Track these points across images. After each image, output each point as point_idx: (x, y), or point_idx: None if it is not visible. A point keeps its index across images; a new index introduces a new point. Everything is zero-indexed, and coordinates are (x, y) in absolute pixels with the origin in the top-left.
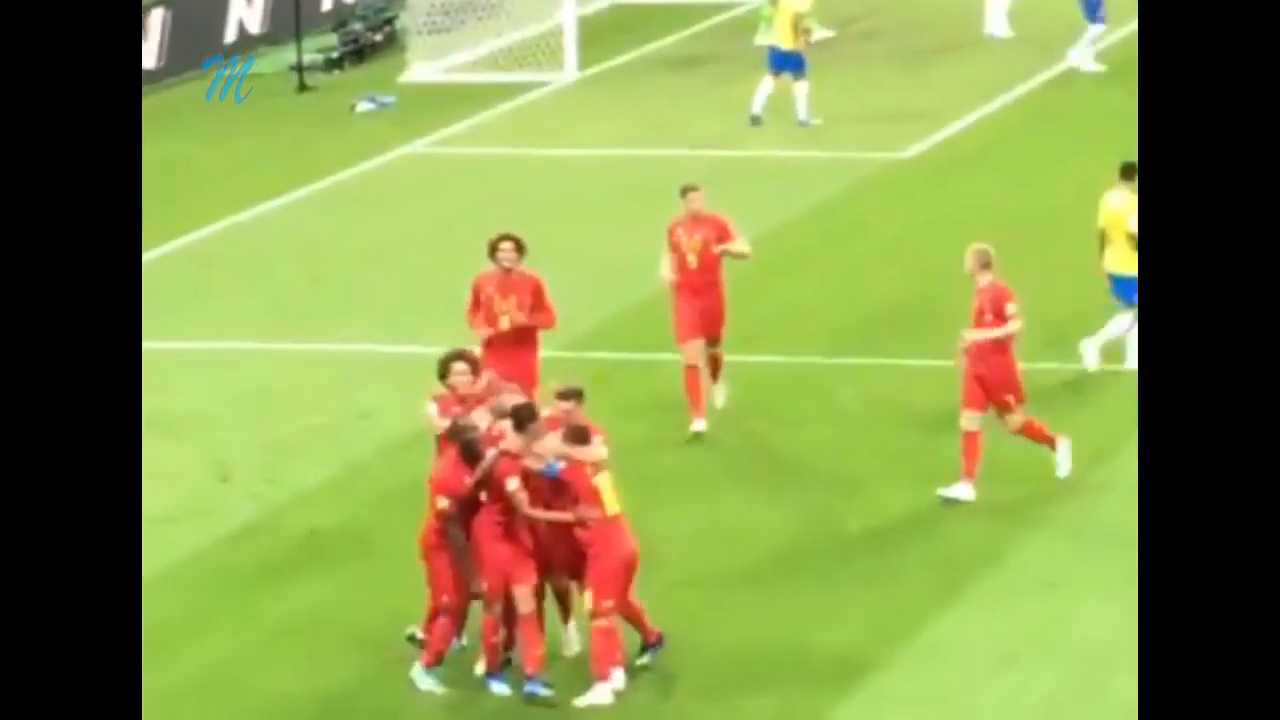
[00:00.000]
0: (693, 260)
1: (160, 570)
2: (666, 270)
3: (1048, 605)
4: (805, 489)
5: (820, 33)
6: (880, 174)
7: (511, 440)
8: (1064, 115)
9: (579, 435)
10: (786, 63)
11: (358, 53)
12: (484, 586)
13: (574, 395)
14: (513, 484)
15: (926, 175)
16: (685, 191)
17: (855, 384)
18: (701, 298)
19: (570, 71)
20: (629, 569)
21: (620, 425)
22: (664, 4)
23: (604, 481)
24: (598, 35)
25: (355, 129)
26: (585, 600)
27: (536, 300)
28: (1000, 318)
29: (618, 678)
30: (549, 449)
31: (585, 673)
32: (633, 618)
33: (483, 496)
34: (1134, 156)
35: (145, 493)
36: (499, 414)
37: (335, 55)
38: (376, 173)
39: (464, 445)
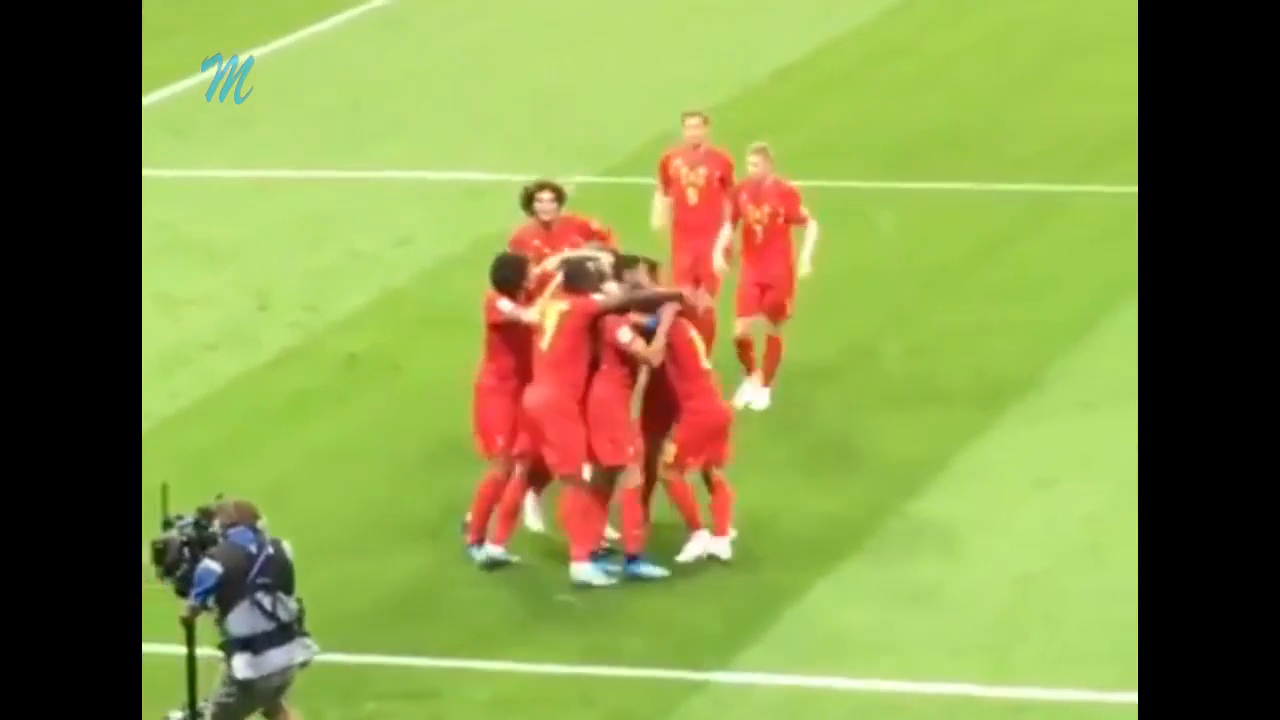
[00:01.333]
0: (693, 196)
1: (201, 397)
2: (660, 216)
3: (1085, 425)
4: (842, 315)
5: None
6: None
7: (612, 292)
8: None
9: (648, 290)
10: None
11: None
12: (630, 451)
13: (638, 261)
14: (625, 335)
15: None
16: (684, 116)
17: (896, 208)
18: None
19: None
20: (721, 431)
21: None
22: None
23: (693, 333)
24: None
25: None
26: (667, 451)
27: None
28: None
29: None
30: (622, 292)
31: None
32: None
33: (602, 366)
34: None
35: (186, 320)
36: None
37: None
38: None
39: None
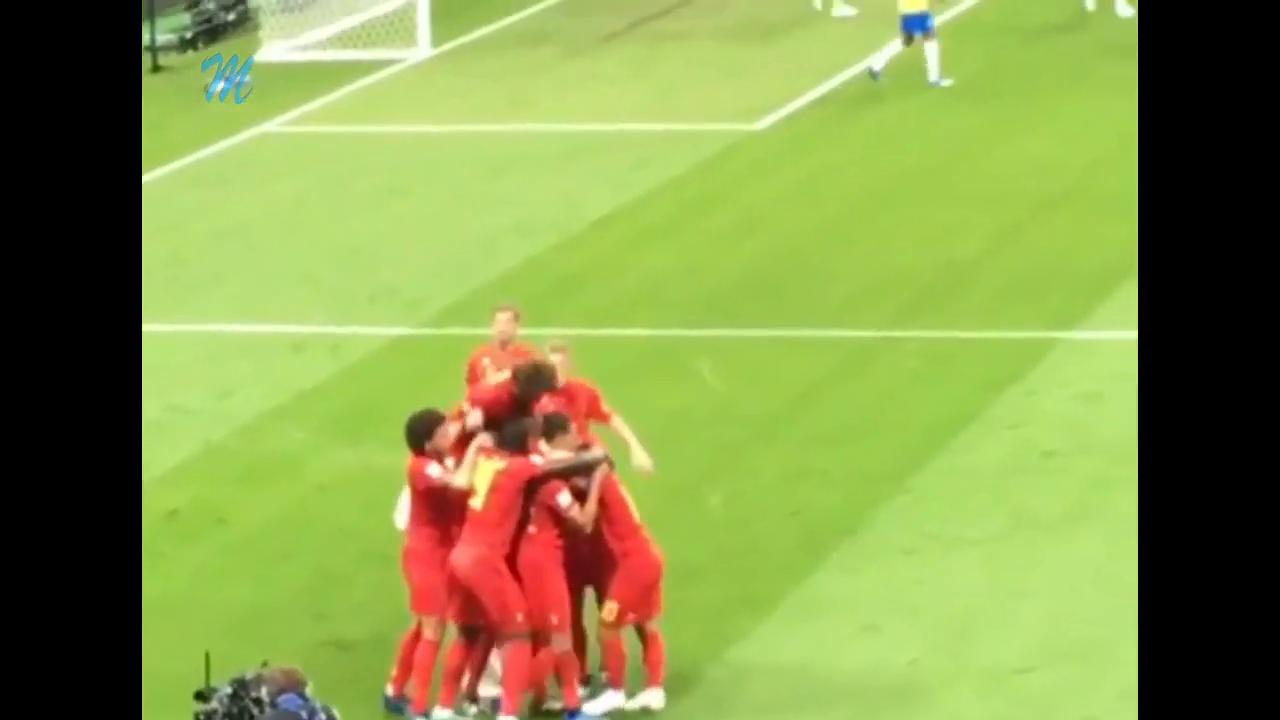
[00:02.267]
0: None
1: None
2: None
3: (908, 570)
4: (666, 460)
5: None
6: (734, 146)
7: (550, 455)
8: (912, 85)
9: (581, 448)
10: (917, 24)
11: (211, 32)
12: (555, 620)
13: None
14: (565, 499)
15: (779, 147)
16: (496, 311)
17: (715, 356)
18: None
19: (424, 48)
20: (657, 583)
21: None
22: None
23: (623, 488)
24: (450, 11)
25: (210, 108)
26: (607, 610)
27: None
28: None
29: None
30: (562, 456)
31: None
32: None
33: (531, 528)
34: (977, 119)
35: None
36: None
37: (189, 35)
38: (233, 151)
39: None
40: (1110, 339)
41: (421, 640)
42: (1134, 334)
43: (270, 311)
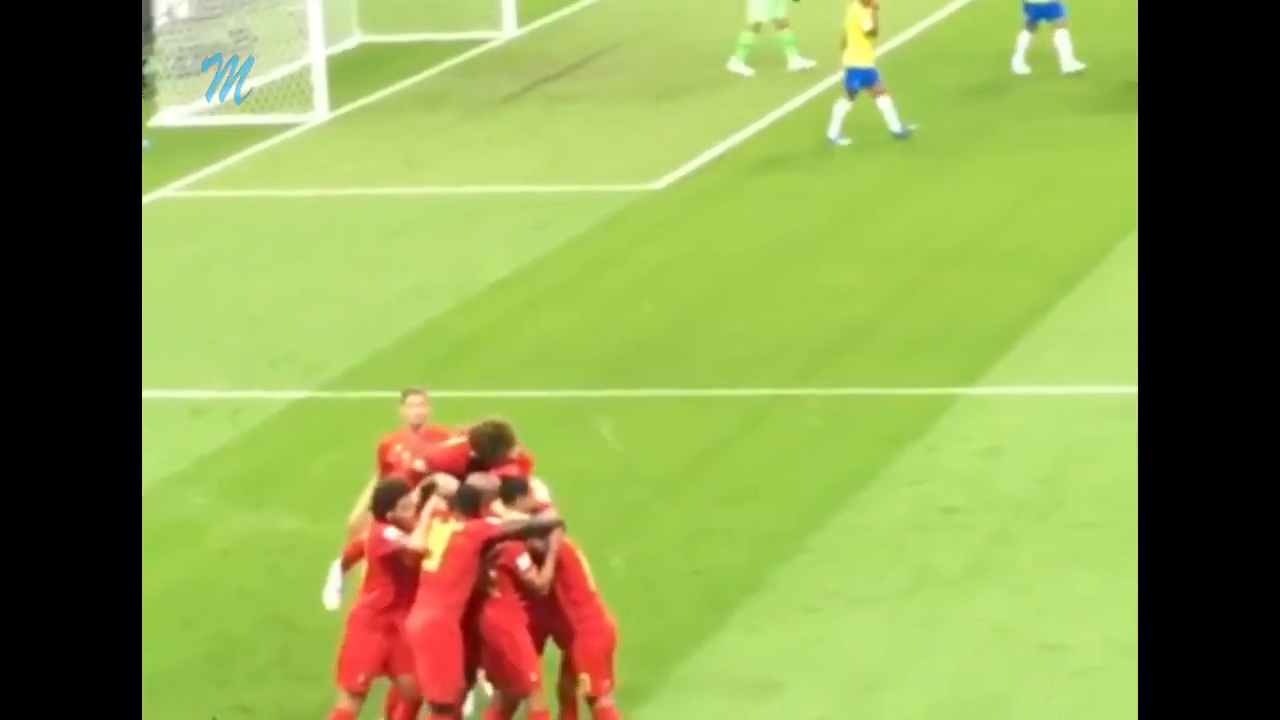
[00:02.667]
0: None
1: None
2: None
3: (811, 628)
4: (568, 521)
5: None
6: (633, 207)
7: (507, 517)
8: (808, 144)
9: (537, 509)
10: (862, 79)
11: None
12: (534, 678)
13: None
14: (525, 562)
15: (678, 207)
16: (405, 395)
17: (615, 416)
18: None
19: (321, 112)
20: (611, 651)
21: None
22: (412, 42)
23: (579, 553)
24: (347, 74)
25: None
26: (584, 683)
27: None
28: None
29: None
30: (518, 518)
31: None
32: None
33: (494, 591)
34: (875, 177)
35: None
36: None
37: None
38: None
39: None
40: (1009, 394)
41: (335, 712)
42: (1032, 389)
43: (170, 377)
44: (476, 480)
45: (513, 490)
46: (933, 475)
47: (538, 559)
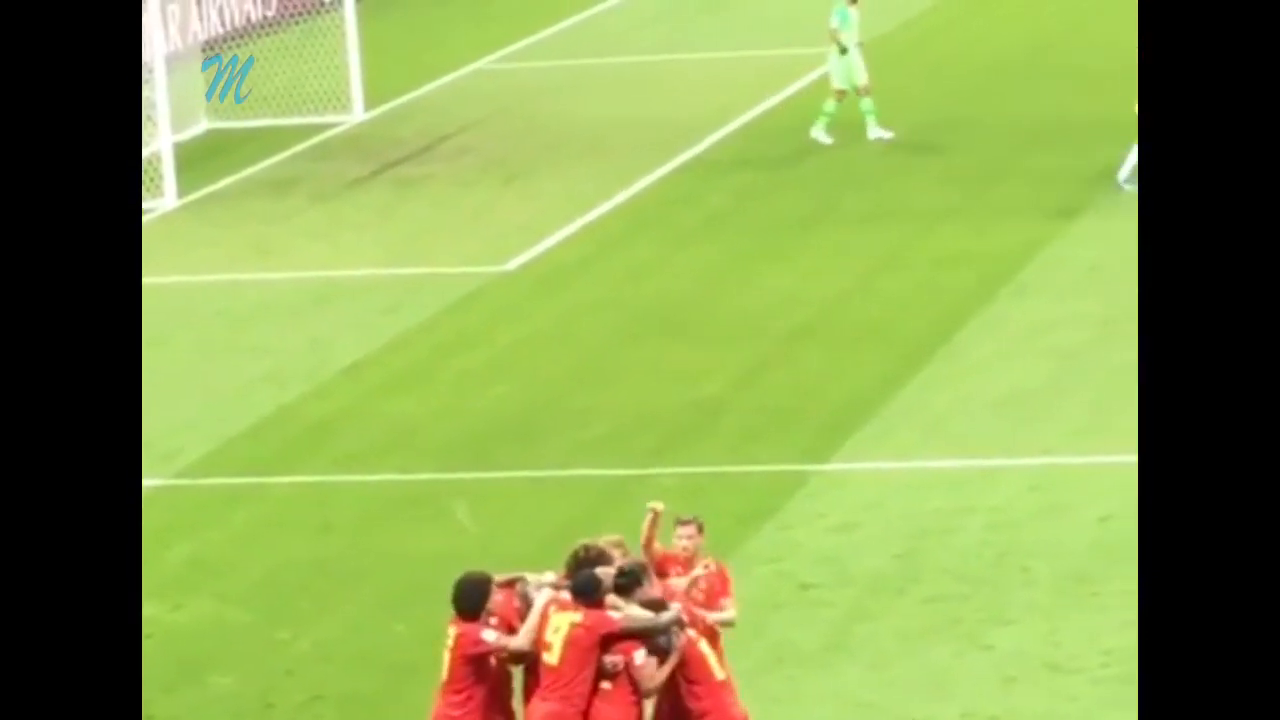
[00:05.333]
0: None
1: None
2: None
3: None
4: (425, 605)
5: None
6: (484, 288)
7: (630, 612)
8: (659, 222)
9: (656, 603)
10: None
11: None
12: None
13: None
14: (640, 657)
15: (529, 288)
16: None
17: (471, 498)
18: None
19: (170, 199)
20: None
21: (240, 549)
22: (260, 127)
23: (703, 644)
24: (195, 161)
25: None
26: None
27: None
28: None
29: None
30: (639, 615)
31: None
32: None
33: (605, 684)
34: (723, 254)
35: None
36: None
37: None
38: None
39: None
40: (862, 470)
41: None
42: (885, 464)
43: None
44: (598, 570)
45: (629, 581)
46: (788, 553)
47: (658, 653)
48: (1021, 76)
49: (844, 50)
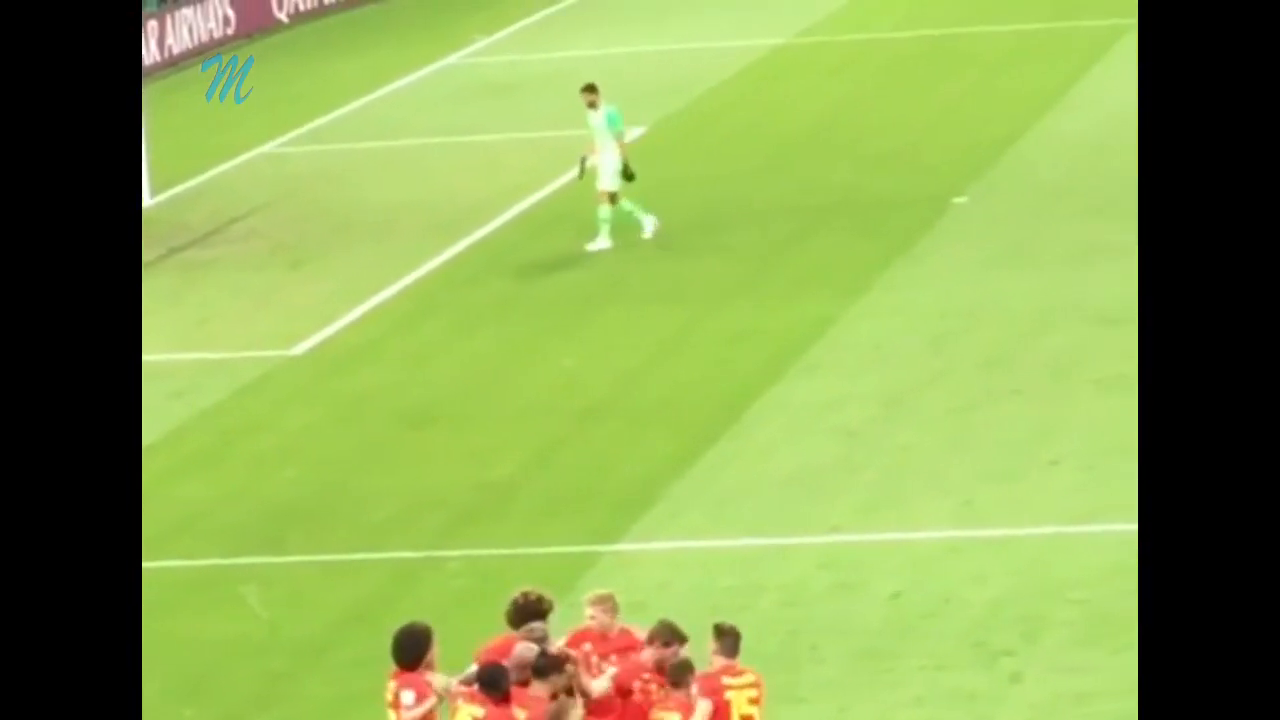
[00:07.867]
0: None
1: None
2: None
3: None
4: (214, 691)
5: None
6: (271, 373)
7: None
8: (446, 305)
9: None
10: None
11: None
12: None
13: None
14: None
15: (316, 371)
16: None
17: (259, 583)
18: None
19: None
20: None
21: None
22: None
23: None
24: None
25: None
26: None
27: None
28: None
29: None
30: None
31: None
32: None
33: None
34: (509, 336)
35: None
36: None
37: None
38: None
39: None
40: (651, 550)
41: None
42: (675, 544)
43: None
44: (518, 645)
45: (546, 665)
46: None
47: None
48: (806, 155)
49: (582, 173)
